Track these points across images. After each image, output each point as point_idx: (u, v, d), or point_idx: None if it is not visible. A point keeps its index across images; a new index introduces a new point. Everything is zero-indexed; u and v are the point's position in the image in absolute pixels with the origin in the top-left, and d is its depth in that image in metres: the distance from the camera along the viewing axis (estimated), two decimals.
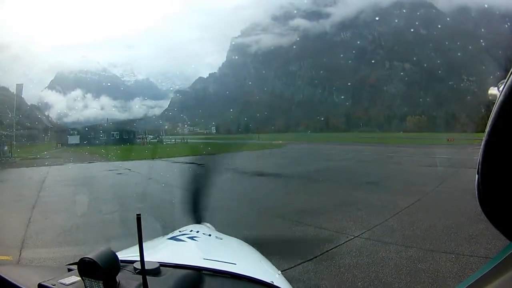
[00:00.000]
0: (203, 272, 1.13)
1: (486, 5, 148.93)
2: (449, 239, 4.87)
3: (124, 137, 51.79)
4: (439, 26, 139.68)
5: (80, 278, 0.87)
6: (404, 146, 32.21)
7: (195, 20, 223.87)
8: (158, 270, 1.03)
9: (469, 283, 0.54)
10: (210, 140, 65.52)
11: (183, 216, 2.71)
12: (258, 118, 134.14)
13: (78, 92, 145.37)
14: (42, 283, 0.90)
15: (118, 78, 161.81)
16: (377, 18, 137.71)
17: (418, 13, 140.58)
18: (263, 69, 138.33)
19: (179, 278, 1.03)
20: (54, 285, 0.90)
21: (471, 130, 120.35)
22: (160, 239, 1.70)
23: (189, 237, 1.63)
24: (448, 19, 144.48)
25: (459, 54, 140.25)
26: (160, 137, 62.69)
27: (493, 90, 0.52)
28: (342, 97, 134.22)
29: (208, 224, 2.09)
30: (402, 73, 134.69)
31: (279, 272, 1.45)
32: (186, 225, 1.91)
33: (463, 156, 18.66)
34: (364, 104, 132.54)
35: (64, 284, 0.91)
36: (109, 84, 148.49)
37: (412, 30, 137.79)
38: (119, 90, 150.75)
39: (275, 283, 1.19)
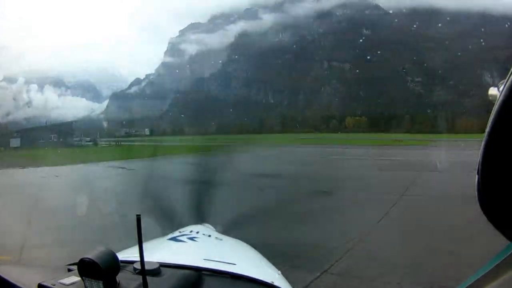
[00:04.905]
0: (203, 272, 1.11)
1: (433, 7, 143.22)
2: None
3: (61, 139, 50.13)
4: (384, 26, 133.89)
5: (80, 278, 0.85)
6: (348, 147, 30.13)
7: (136, 20, 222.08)
8: (158, 270, 1.01)
9: (469, 283, 0.53)
10: (144, 142, 61.38)
11: None
12: (193, 120, 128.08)
13: (21, 94, 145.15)
14: (42, 283, 0.87)
15: (59, 79, 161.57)
16: (318, 19, 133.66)
17: (362, 14, 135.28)
18: (199, 70, 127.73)
19: (179, 278, 1.01)
20: (54, 285, 0.87)
21: (416, 130, 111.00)
22: (160, 240, 1.68)
23: (189, 238, 1.60)
24: (395, 20, 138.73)
25: (404, 54, 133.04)
26: (96, 139, 60.38)
27: (493, 90, 0.51)
28: (278, 98, 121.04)
29: (208, 225, 2.05)
30: (341, 73, 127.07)
31: (279, 272, 1.43)
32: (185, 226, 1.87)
33: (417, 157, 17.97)
34: (301, 105, 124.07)
35: (64, 284, 0.88)
36: (51, 85, 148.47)
37: (355, 30, 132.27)
38: (61, 91, 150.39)
39: (275, 283, 1.17)
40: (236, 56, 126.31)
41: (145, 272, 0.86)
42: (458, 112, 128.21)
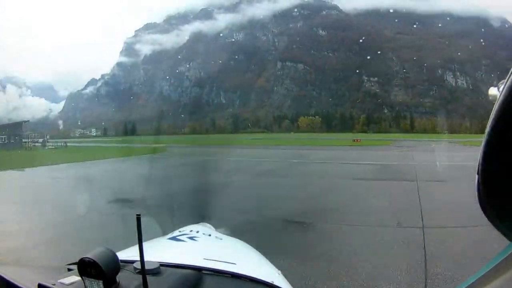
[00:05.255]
0: (203, 272, 1.11)
1: (392, 7, 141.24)
2: None
3: (11, 141, 48.05)
4: (342, 27, 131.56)
5: (80, 278, 0.84)
6: (305, 148, 27.22)
7: (95, 20, 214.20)
8: (158, 270, 1.00)
9: (469, 283, 0.52)
10: (92, 144, 59.31)
11: None
12: (145, 120, 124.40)
13: None
14: (42, 283, 0.86)
15: (19, 79, 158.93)
16: (274, 19, 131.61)
17: (319, 14, 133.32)
18: (153, 70, 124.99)
19: (179, 278, 1.01)
20: (54, 285, 0.87)
21: (373, 130, 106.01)
22: (160, 239, 1.68)
23: (189, 237, 1.60)
24: (353, 20, 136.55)
25: (361, 54, 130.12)
26: (44, 141, 58.38)
27: (493, 90, 0.50)
28: (231, 98, 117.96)
29: (208, 224, 2.03)
30: (294, 74, 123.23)
31: (279, 272, 1.42)
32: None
33: (391, 160, 16.43)
34: (253, 105, 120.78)
35: (64, 284, 0.88)
36: (11, 85, 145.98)
37: (311, 30, 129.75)
38: (21, 91, 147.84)
39: (275, 283, 1.16)
40: (190, 56, 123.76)
41: (145, 272, 0.85)
42: (418, 112, 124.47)
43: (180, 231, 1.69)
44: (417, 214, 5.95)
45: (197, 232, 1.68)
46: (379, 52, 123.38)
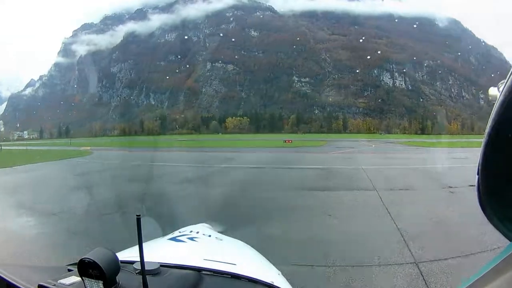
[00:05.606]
0: (203, 272, 1.11)
1: (329, 10, 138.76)
2: None
3: None
4: (274, 28, 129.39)
5: (80, 278, 0.84)
6: (233, 150, 24.34)
7: (34, 20, 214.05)
8: (158, 270, 1.00)
9: (469, 283, 0.53)
10: (24, 147, 59.22)
11: None
12: (79, 122, 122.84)
13: None
14: (42, 283, 0.86)
15: None
16: (206, 20, 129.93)
17: (253, 15, 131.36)
18: (87, 71, 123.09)
19: (179, 278, 1.01)
20: (54, 285, 0.87)
21: (303, 131, 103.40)
22: (160, 240, 1.67)
23: (189, 238, 1.60)
24: (287, 21, 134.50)
25: (292, 55, 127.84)
26: None
27: (493, 90, 0.49)
28: (160, 99, 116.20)
29: (207, 225, 2.02)
30: (223, 74, 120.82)
31: (279, 272, 1.42)
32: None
33: (337, 163, 14.36)
34: (182, 106, 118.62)
35: (64, 284, 0.88)
36: None
37: (243, 31, 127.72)
38: None
39: (275, 283, 1.16)
40: (122, 57, 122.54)
41: (145, 272, 0.85)
42: (351, 112, 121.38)
43: (180, 232, 1.67)
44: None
45: (197, 232, 1.66)
46: (312, 53, 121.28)
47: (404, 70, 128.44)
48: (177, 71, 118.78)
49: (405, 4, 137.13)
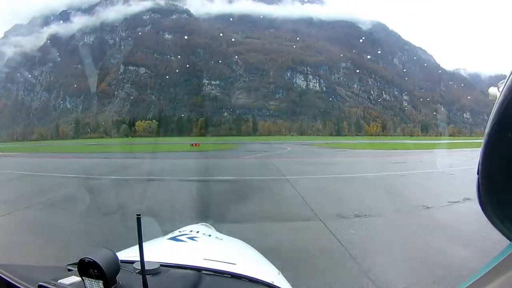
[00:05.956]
0: (203, 272, 1.11)
1: (245, 13, 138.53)
2: None
3: None
4: (189, 31, 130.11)
5: (80, 278, 0.86)
6: (135, 156, 22.04)
7: None
8: (158, 270, 1.01)
9: (469, 283, 0.52)
10: None
11: None
12: (3, 126, 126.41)
13: None
14: (42, 283, 0.87)
15: None
16: (124, 23, 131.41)
17: (169, 18, 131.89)
18: (12, 74, 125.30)
19: (179, 278, 1.01)
20: (54, 285, 0.88)
21: (212, 133, 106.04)
22: (160, 239, 1.67)
23: (189, 237, 1.60)
24: (201, 25, 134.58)
25: (204, 59, 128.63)
26: None
27: (493, 90, 0.50)
28: (75, 102, 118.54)
29: (207, 224, 2.03)
30: (135, 78, 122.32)
31: (279, 272, 1.42)
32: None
33: (256, 173, 11.15)
34: (95, 110, 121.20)
35: (64, 284, 0.89)
36: None
37: (157, 34, 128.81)
38: None
39: (275, 283, 1.16)
40: (44, 60, 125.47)
41: (145, 272, 0.86)
42: (261, 115, 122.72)
43: (180, 231, 1.71)
44: None
45: (197, 232, 1.70)
46: (224, 56, 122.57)
47: (319, 73, 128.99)
48: (92, 74, 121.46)
49: (327, 8, 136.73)
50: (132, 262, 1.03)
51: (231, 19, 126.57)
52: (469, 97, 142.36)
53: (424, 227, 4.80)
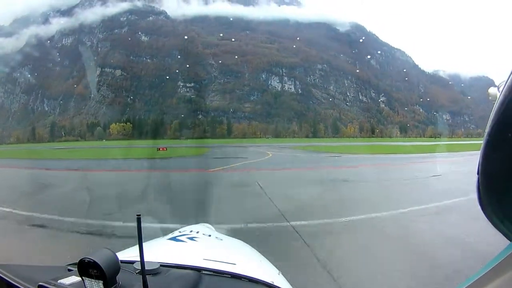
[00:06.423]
0: (203, 272, 1.10)
1: (221, 15, 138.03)
2: None
3: None
4: (165, 32, 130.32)
5: (80, 278, 0.84)
6: (95, 164, 19.26)
7: None
8: (158, 270, 1.00)
9: (469, 283, 0.52)
10: None
11: None
12: None
13: None
14: (42, 283, 0.86)
15: None
16: (101, 24, 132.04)
17: (145, 20, 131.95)
18: None
19: (179, 278, 1.00)
20: (54, 285, 0.86)
21: (186, 136, 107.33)
22: (160, 240, 1.66)
23: (189, 238, 1.60)
24: (177, 26, 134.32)
25: (179, 61, 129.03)
26: None
27: (493, 90, 0.50)
28: (52, 105, 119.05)
29: (208, 225, 2.02)
30: (112, 80, 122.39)
31: (279, 272, 1.41)
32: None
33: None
34: (71, 112, 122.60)
35: (64, 284, 0.87)
36: None
37: (134, 36, 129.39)
38: None
39: (275, 283, 1.15)
40: (24, 61, 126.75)
41: (145, 272, 0.85)
42: (236, 117, 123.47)
43: (180, 232, 1.70)
44: None
45: (197, 232, 1.69)
46: (199, 58, 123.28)
47: (295, 74, 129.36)
48: (69, 76, 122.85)
49: (304, 10, 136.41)
50: (132, 262, 1.01)
51: (207, 21, 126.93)
52: (448, 98, 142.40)
53: None
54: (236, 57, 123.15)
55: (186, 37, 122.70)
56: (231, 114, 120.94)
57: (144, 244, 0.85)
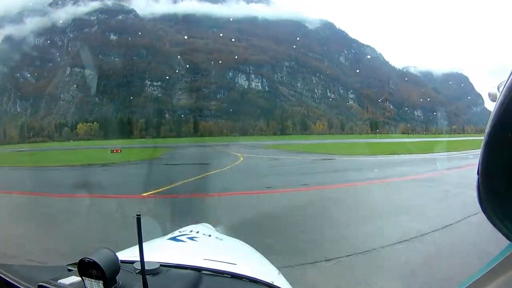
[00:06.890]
0: (203, 272, 1.09)
1: (190, 13, 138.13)
2: None
3: None
4: (133, 32, 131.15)
5: (80, 278, 0.84)
6: (39, 171, 17.37)
7: None
8: (158, 270, 1.00)
9: (469, 283, 0.52)
10: None
11: None
12: None
13: None
14: (42, 283, 0.85)
15: None
16: (72, 24, 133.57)
17: (114, 19, 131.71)
18: None
19: (179, 278, 1.00)
20: (54, 285, 0.86)
21: (152, 135, 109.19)
22: (160, 239, 1.65)
23: (189, 238, 1.59)
24: (146, 25, 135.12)
25: (146, 59, 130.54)
26: None
27: (493, 90, 0.51)
28: (24, 106, 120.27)
29: (208, 224, 2.02)
30: (81, 80, 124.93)
31: (279, 272, 1.40)
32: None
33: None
34: (42, 113, 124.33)
35: (64, 284, 0.87)
36: None
37: (103, 35, 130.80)
38: None
39: (275, 283, 1.15)
40: None
41: (145, 272, 0.85)
42: (202, 115, 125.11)
43: (180, 231, 1.71)
44: None
45: (197, 232, 1.69)
46: (166, 56, 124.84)
47: (262, 72, 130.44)
48: (41, 77, 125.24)
49: (273, 8, 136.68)
50: (132, 262, 1.02)
51: (175, 19, 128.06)
52: (420, 95, 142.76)
53: None
54: (204, 55, 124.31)
55: (153, 35, 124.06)
56: (198, 113, 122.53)
57: (144, 244, 0.85)
